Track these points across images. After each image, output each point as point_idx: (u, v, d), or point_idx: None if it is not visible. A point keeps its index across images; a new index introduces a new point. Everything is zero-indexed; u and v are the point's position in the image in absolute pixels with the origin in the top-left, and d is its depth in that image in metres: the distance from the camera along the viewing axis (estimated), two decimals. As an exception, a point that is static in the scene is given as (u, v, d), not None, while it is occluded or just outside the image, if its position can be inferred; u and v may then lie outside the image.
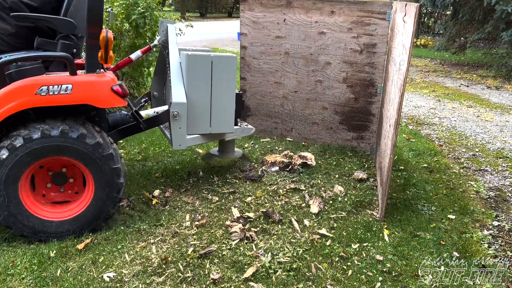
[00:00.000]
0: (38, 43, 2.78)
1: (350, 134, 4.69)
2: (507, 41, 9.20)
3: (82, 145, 2.66)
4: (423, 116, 6.49)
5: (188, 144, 3.34)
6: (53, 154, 2.65)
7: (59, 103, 2.62)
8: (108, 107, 2.82)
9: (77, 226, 2.81)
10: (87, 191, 2.84)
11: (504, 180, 4.10)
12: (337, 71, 4.54)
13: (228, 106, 3.41)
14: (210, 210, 3.22)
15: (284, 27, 4.62)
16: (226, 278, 2.45)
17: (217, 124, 3.39)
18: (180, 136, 3.21)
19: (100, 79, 2.73)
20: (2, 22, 2.77)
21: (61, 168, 2.85)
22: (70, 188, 2.91)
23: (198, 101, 3.27)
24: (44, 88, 2.56)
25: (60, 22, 2.75)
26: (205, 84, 3.27)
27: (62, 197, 2.90)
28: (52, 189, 2.87)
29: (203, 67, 3.23)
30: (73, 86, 2.61)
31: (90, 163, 2.72)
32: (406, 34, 3.00)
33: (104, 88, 2.72)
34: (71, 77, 2.65)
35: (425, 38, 16.67)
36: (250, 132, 3.81)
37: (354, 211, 3.31)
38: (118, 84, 2.78)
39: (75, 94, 2.62)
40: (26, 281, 2.39)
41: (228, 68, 3.31)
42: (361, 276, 2.53)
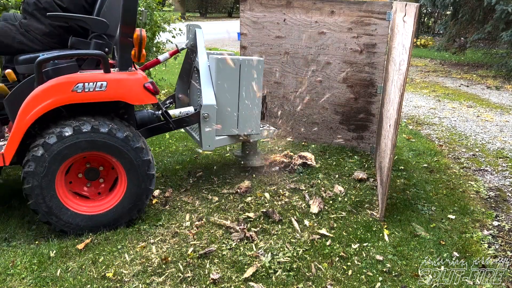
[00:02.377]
0: (72, 42, 2.85)
1: (350, 134, 4.69)
2: (507, 41, 9.20)
3: (112, 139, 2.73)
4: (423, 116, 6.50)
5: (216, 145, 3.42)
6: (85, 149, 2.71)
7: (94, 99, 2.70)
8: (140, 104, 2.91)
9: (112, 219, 2.87)
10: (119, 186, 2.89)
11: (504, 180, 4.10)
12: (337, 71, 4.54)
13: (255, 108, 3.50)
14: (210, 210, 3.22)
15: (284, 27, 4.62)
16: (226, 278, 2.45)
17: (244, 126, 3.49)
18: (210, 137, 3.31)
19: (132, 76, 2.81)
20: (37, 22, 2.85)
21: (97, 166, 2.91)
22: (96, 186, 2.95)
23: (227, 103, 3.36)
24: (80, 85, 2.64)
25: (94, 22, 2.82)
26: (233, 86, 3.36)
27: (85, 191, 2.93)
28: (80, 180, 2.91)
29: (231, 70, 3.33)
30: (107, 83, 2.70)
31: (121, 156, 2.78)
32: (406, 34, 3.00)
33: (137, 85, 2.81)
34: (105, 75, 2.73)
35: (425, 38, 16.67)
36: (273, 134, 3.86)
37: (354, 211, 3.31)
38: (149, 82, 2.85)
39: (109, 91, 2.71)
40: (26, 281, 2.39)
41: (255, 70, 3.42)
42: (361, 276, 2.53)
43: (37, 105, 2.59)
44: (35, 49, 2.85)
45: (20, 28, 2.86)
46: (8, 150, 2.63)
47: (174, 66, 9.15)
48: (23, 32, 2.85)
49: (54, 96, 2.61)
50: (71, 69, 2.73)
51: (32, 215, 3.04)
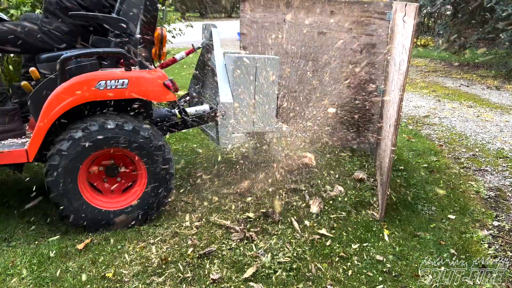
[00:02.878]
0: (93, 40, 2.90)
1: (350, 134, 4.69)
2: (507, 41, 9.20)
3: (136, 137, 2.77)
4: (423, 116, 6.49)
5: (233, 142, 3.46)
6: (110, 146, 2.75)
7: (116, 97, 2.75)
8: (160, 101, 3.00)
9: (131, 215, 2.90)
10: (139, 182, 2.94)
11: (504, 180, 4.09)
12: (337, 71, 4.54)
13: (270, 106, 3.55)
14: (210, 210, 3.21)
15: (284, 27, 4.61)
16: (226, 278, 2.45)
17: (260, 123, 3.53)
18: (227, 135, 3.36)
19: (152, 74, 2.87)
20: (59, 21, 2.89)
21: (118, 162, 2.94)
22: (112, 183, 2.98)
23: (243, 101, 3.41)
24: (102, 83, 2.69)
25: (114, 21, 2.87)
26: (249, 84, 3.41)
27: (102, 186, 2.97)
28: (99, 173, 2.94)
29: (248, 68, 3.38)
30: (129, 81, 2.74)
31: (143, 154, 2.83)
32: (406, 34, 3.00)
33: (157, 83, 2.86)
34: (127, 73, 2.77)
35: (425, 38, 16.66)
36: (287, 131, 3.89)
37: (354, 211, 3.31)
38: (169, 80, 2.90)
39: (130, 88, 2.75)
40: (26, 281, 2.39)
41: (271, 69, 3.47)
42: (361, 276, 2.53)
43: (61, 102, 2.64)
44: (56, 48, 2.90)
45: (42, 27, 2.90)
46: (32, 146, 2.69)
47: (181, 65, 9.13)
48: (45, 31, 2.89)
49: (77, 94, 2.66)
50: (92, 67, 2.78)
51: (32, 215, 3.04)
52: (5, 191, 3.41)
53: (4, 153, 2.68)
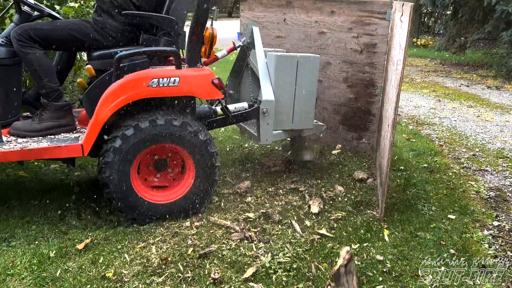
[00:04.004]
0: (143, 39, 2.96)
1: (350, 134, 4.69)
2: (507, 41, 9.20)
3: (184, 132, 2.86)
4: (423, 116, 6.49)
5: (273, 139, 3.54)
6: (160, 141, 2.84)
7: (168, 94, 2.85)
8: (209, 99, 3.07)
9: (180, 208, 3.00)
10: (187, 176, 3.02)
11: (504, 180, 4.09)
12: (337, 71, 4.54)
13: (309, 104, 3.60)
14: (210, 210, 3.22)
15: (284, 27, 4.61)
16: (226, 278, 2.45)
17: (299, 121, 3.60)
18: (268, 131, 3.42)
19: (201, 72, 2.96)
20: (112, 19, 2.95)
21: (165, 157, 3.02)
22: (164, 176, 3.07)
23: (284, 99, 3.47)
24: (155, 81, 2.76)
25: (164, 20, 2.93)
26: (290, 83, 3.47)
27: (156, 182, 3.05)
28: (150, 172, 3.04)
29: (289, 67, 3.44)
30: (180, 79, 2.82)
31: (191, 148, 2.91)
32: (402, 33, 3.01)
33: (205, 81, 2.94)
34: (177, 71, 2.85)
35: (425, 38, 16.67)
36: (322, 129, 3.94)
37: (354, 211, 3.31)
38: (216, 78, 2.96)
39: (181, 86, 2.83)
40: (26, 281, 2.38)
41: (311, 68, 3.52)
42: (361, 276, 2.53)
43: (116, 99, 2.71)
44: (107, 45, 2.96)
45: (95, 25, 2.95)
46: (87, 141, 2.75)
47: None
48: (97, 29, 2.94)
49: (131, 91, 2.73)
50: (144, 65, 2.85)
51: (32, 215, 3.04)
52: (5, 191, 3.41)
53: (61, 148, 2.75)
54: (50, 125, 2.96)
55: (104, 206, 3.22)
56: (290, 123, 3.58)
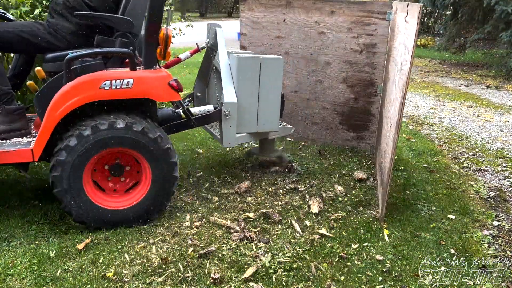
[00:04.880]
0: (98, 40, 2.90)
1: (350, 134, 4.69)
2: (507, 41, 9.20)
3: (144, 139, 2.79)
4: (423, 116, 6.50)
5: (237, 142, 3.49)
6: (116, 145, 2.76)
7: (121, 97, 2.76)
8: (165, 101, 2.97)
9: (132, 216, 2.91)
10: (143, 183, 2.93)
11: (504, 180, 4.10)
12: (337, 71, 4.54)
13: (274, 106, 3.57)
14: (210, 210, 3.22)
15: (284, 27, 4.61)
16: (226, 278, 2.45)
17: (263, 123, 3.55)
18: (230, 134, 3.37)
19: (157, 74, 2.87)
20: (65, 21, 2.90)
21: (122, 163, 2.95)
22: (115, 183, 2.98)
23: (247, 101, 3.42)
24: (108, 83, 2.69)
25: (120, 21, 2.87)
26: (253, 84, 3.42)
27: (106, 185, 2.97)
28: (104, 172, 2.95)
29: (252, 68, 3.39)
30: (134, 81, 2.75)
31: (146, 154, 2.83)
32: (408, 34, 3.00)
33: (162, 83, 2.86)
34: (132, 72, 2.78)
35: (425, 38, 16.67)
36: (290, 131, 3.91)
37: (354, 211, 3.31)
38: (173, 79, 2.90)
39: (135, 88, 2.76)
40: (26, 281, 2.39)
41: (275, 69, 3.48)
42: (361, 276, 2.53)
43: (66, 101, 2.65)
44: (61, 47, 2.91)
45: (47, 28, 2.90)
46: (38, 146, 2.69)
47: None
48: (50, 31, 2.89)
49: (82, 93, 2.67)
50: (97, 67, 2.78)
51: (32, 215, 3.04)
52: (5, 191, 3.41)
53: (10, 152, 2.68)
54: (2, 129, 2.87)
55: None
56: (254, 126, 3.52)
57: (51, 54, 2.87)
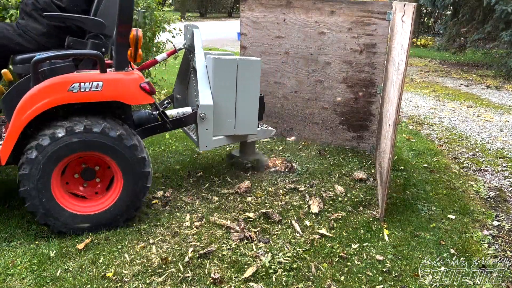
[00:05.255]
0: (68, 42, 2.85)
1: (350, 134, 4.69)
2: (507, 41, 9.20)
3: (120, 145, 2.73)
4: (423, 116, 6.50)
5: (213, 145, 3.42)
6: (89, 149, 2.72)
7: (90, 99, 2.70)
8: (136, 104, 2.89)
9: (109, 218, 2.87)
10: (116, 184, 2.88)
11: (504, 180, 4.10)
12: (337, 71, 4.54)
13: (252, 108, 3.50)
14: (210, 210, 3.22)
15: (284, 27, 4.62)
16: (226, 278, 2.45)
17: (241, 126, 3.49)
18: (207, 138, 3.30)
19: (128, 76, 2.81)
20: (34, 22, 2.84)
21: (94, 166, 2.90)
22: (93, 186, 2.94)
23: (224, 104, 3.36)
24: (76, 85, 2.64)
25: (91, 22, 2.82)
26: (230, 87, 3.36)
27: (81, 191, 2.93)
28: (77, 181, 2.90)
29: (229, 70, 3.33)
30: (103, 83, 2.69)
31: (115, 155, 2.77)
32: (404, 34, 3.01)
33: (133, 85, 2.80)
34: (101, 75, 2.72)
35: (425, 38, 16.67)
36: (271, 134, 3.87)
37: (354, 211, 3.31)
38: (145, 82, 2.85)
39: (105, 91, 2.70)
40: (26, 281, 2.39)
41: (252, 71, 3.42)
42: (361, 276, 2.53)
43: (33, 105, 2.59)
44: (32, 49, 2.84)
45: (17, 29, 2.85)
46: (4, 150, 2.63)
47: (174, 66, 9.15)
48: (20, 32, 2.83)
49: (50, 96, 2.60)
50: (67, 69, 2.73)
51: (32, 215, 3.04)
52: (5, 191, 3.42)
53: None
54: None
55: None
56: (232, 129, 3.45)
57: (19, 56, 2.79)
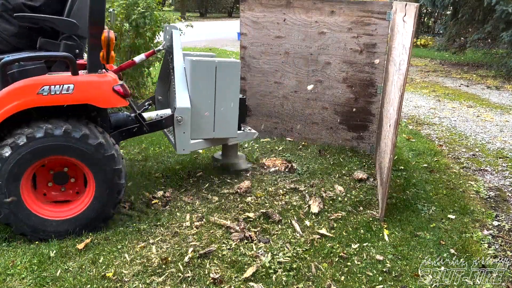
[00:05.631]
0: (40, 43, 2.80)
1: (350, 134, 4.69)
2: (507, 41, 9.20)
3: (84, 146, 2.67)
4: (423, 116, 6.50)
5: (191, 148, 3.36)
6: (55, 153, 2.66)
7: (61, 102, 2.64)
8: (109, 107, 2.83)
9: (76, 226, 2.81)
10: (87, 192, 2.84)
11: (504, 180, 4.10)
12: (337, 71, 4.54)
13: (232, 111, 3.44)
14: (210, 210, 3.22)
15: (284, 27, 4.62)
16: (226, 278, 2.45)
17: (221, 129, 3.43)
18: (184, 141, 3.24)
19: (101, 79, 2.75)
20: (6, 23, 2.80)
21: (62, 168, 2.85)
22: (71, 188, 2.91)
23: (202, 106, 3.30)
24: (46, 88, 2.58)
25: (63, 23, 2.77)
26: (209, 89, 3.30)
27: (64, 196, 2.89)
28: (53, 188, 2.86)
29: (207, 72, 3.26)
30: (74, 86, 2.63)
31: (91, 163, 2.72)
32: (406, 34, 3.00)
33: (106, 88, 2.74)
34: (73, 77, 2.66)
35: (425, 38, 16.67)
36: (253, 137, 3.84)
37: (354, 211, 3.31)
38: (119, 84, 2.78)
39: (76, 94, 2.64)
40: (26, 281, 2.39)
41: (231, 73, 3.36)
42: (361, 276, 2.53)
43: (1, 108, 2.54)
44: (4, 50, 2.79)
45: None
46: None
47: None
48: None
49: (18, 99, 2.54)
50: (38, 71, 2.68)
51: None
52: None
53: None
54: None
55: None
56: (211, 132, 3.37)
57: None
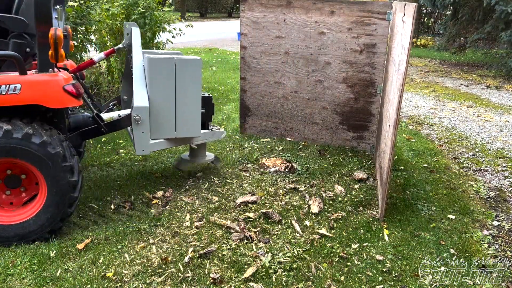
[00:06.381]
0: None
1: (350, 134, 4.69)
2: (506, 41, 9.21)
3: (28, 145, 2.57)
4: (423, 116, 6.50)
5: (152, 149, 3.27)
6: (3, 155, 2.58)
7: (7, 103, 2.55)
8: (60, 107, 2.74)
9: (23, 233, 2.71)
10: (38, 199, 2.74)
11: (504, 180, 4.10)
12: (337, 71, 4.54)
13: (194, 110, 3.33)
14: (210, 210, 3.22)
15: (284, 27, 4.62)
16: (226, 278, 2.45)
17: (183, 128, 3.32)
18: (143, 141, 3.14)
19: (51, 78, 2.65)
20: None
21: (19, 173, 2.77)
22: (17, 194, 2.81)
23: (162, 105, 3.19)
24: None
25: (11, 20, 2.68)
26: (168, 87, 3.19)
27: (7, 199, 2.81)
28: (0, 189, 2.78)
29: (166, 70, 3.15)
30: (22, 86, 2.54)
31: (39, 163, 2.62)
32: (405, 34, 3.00)
33: (56, 87, 2.64)
34: (20, 77, 2.58)
35: (425, 38, 16.67)
36: (221, 136, 3.76)
37: (354, 211, 3.31)
38: (71, 84, 2.69)
39: (24, 94, 2.55)
40: (26, 281, 2.39)
41: (192, 71, 3.25)
42: (361, 276, 2.53)
43: None
44: None
45: None
46: None
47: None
48: None
49: None
50: None
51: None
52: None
53: None
54: None
55: (104, 206, 3.22)
56: (172, 132, 3.26)
57: None
